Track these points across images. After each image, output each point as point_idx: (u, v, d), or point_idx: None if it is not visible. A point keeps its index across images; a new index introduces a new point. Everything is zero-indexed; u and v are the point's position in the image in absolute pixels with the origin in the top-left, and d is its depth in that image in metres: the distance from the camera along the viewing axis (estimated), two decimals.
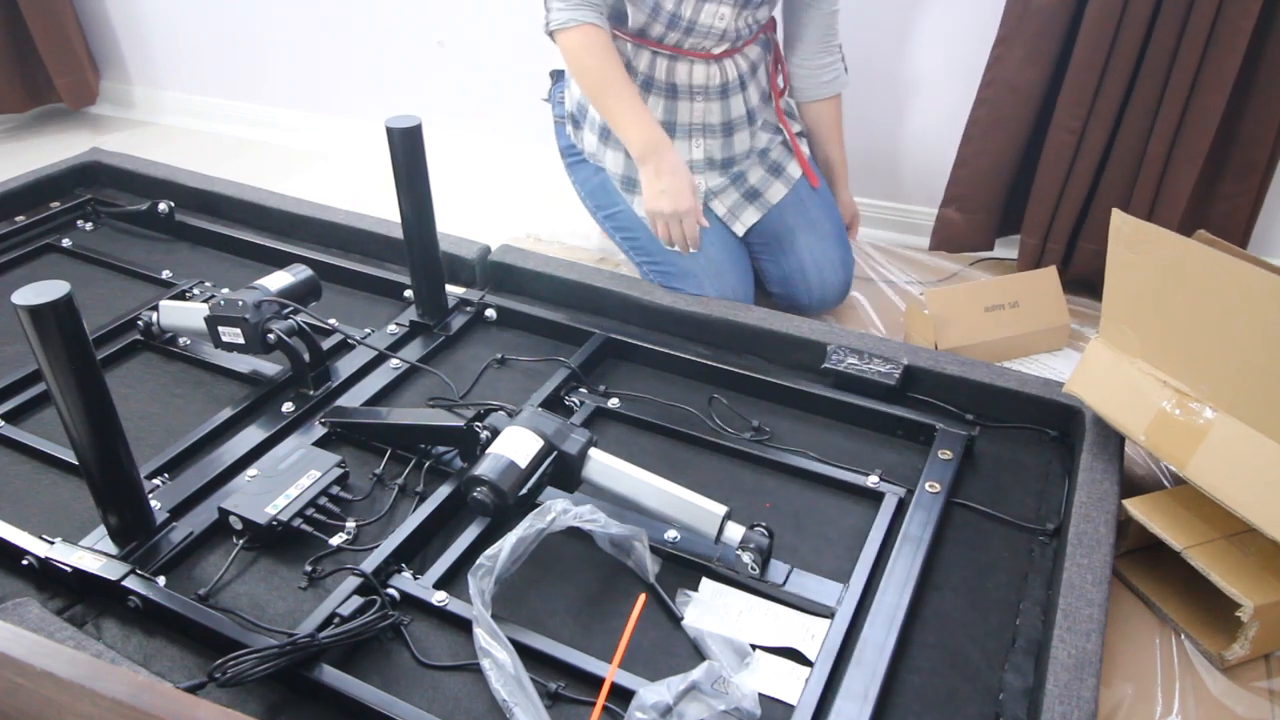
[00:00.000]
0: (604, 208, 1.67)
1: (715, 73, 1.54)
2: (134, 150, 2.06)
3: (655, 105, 1.56)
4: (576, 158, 1.70)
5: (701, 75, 1.53)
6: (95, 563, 1.05)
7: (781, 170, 1.65)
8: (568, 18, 1.43)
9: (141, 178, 1.92)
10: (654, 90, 1.55)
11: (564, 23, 1.44)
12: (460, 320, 1.54)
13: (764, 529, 1.06)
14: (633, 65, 1.54)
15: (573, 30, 1.44)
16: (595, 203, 1.69)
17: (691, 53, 1.52)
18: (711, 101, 1.55)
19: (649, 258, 1.61)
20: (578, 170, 1.70)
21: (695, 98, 1.55)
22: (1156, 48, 1.53)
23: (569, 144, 1.71)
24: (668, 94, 1.55)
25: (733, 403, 1.38)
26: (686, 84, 1.54)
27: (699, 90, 1.54)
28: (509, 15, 2.16)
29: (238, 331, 1.34)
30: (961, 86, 1.79)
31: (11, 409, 1.33)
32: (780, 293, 1.67)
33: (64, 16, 2.49)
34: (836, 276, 1.64)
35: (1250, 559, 1.07)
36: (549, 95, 1.74)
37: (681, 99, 1.55)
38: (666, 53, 1.51)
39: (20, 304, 0.92)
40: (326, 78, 2.45)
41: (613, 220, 1.66)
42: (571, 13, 1.43)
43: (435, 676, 0.98)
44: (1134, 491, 1.18)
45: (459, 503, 1.16)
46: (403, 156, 1.37)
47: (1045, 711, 0.89)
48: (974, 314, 1.57)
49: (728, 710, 0.91)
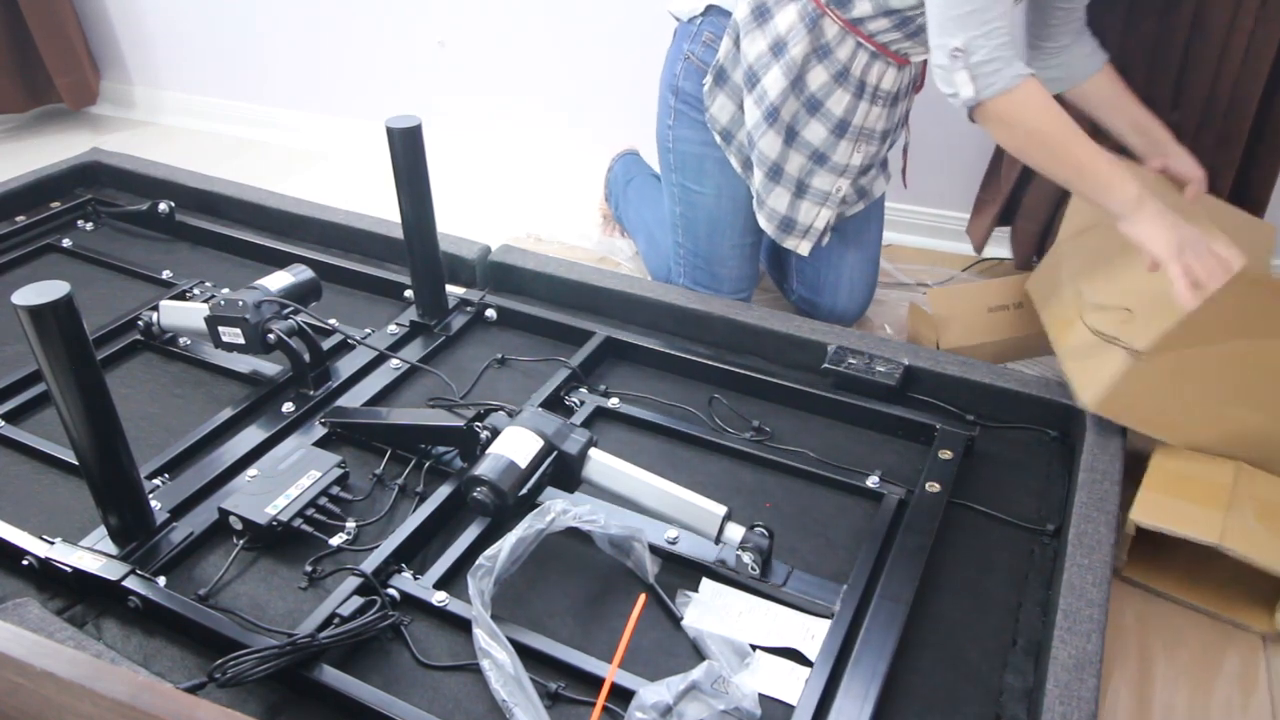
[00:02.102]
0: (686, 177, 1.55)
1: (896, 78, 1.42)
2: (134, 150, 2.06)
3: (841, 99, 1.40)
4: (691, 110, 1.51)
5: (891, 80, 1.41)
6: (95, 563, 1.05)
7: (866, 191, 1.58)
8: (1012, 76, 1.16)
9: (142, 178, 1.92)
10: (844, 84, 1.39)
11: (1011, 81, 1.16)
12: (460, 320, 1.54)
13: (764, 529, 1.06)
14: (832, 50, 1.36)
15: (1023, 87, 1.17)
16: (679, 166, 1.55)
17: (894, 56, 1.38)
18: (884, 108, 1.44)
19: (691, 244, 1.58)
20: (683, 124, 1.53)
21: (877, 101, 1.43)
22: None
23: (693, 92, 1.50)
24: (856, 91, 1.40)
25: (733, 403, 1.38)
26: (875, 85, 1.41)
27: (881, 95, 1.42)
28: (509, 15, 2.16)
29: (238, 331, 1.34)
30: None
31: (12, 409, 1.33)
32: (805, 295, 1.66)
33: (64, 16, 2.49)
34: (863, 295, 1.65)
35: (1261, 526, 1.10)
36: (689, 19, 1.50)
37: (864, 99, 1.41)
38: (871, 48, 1.36)
39: (20, 304, 0.92)
40: (327, 78, 2.45)
41: (683, 192, 1.56)
42: (1009, 68, 1.16)
43: (435, 677, 0.98)
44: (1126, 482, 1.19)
45: (459, 503, 1.16)
46: (403, 156, 1.37)
47: (1045, 712, 0.89)
48: (977, 314, 1.57)
49: (728, 710, 0.91)
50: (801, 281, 1.66)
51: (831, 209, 1.51)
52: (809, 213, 1.50)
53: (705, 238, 1.59)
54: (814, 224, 1.51)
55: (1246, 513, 1.12)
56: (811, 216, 1.50)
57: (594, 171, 1.71)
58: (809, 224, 1.51)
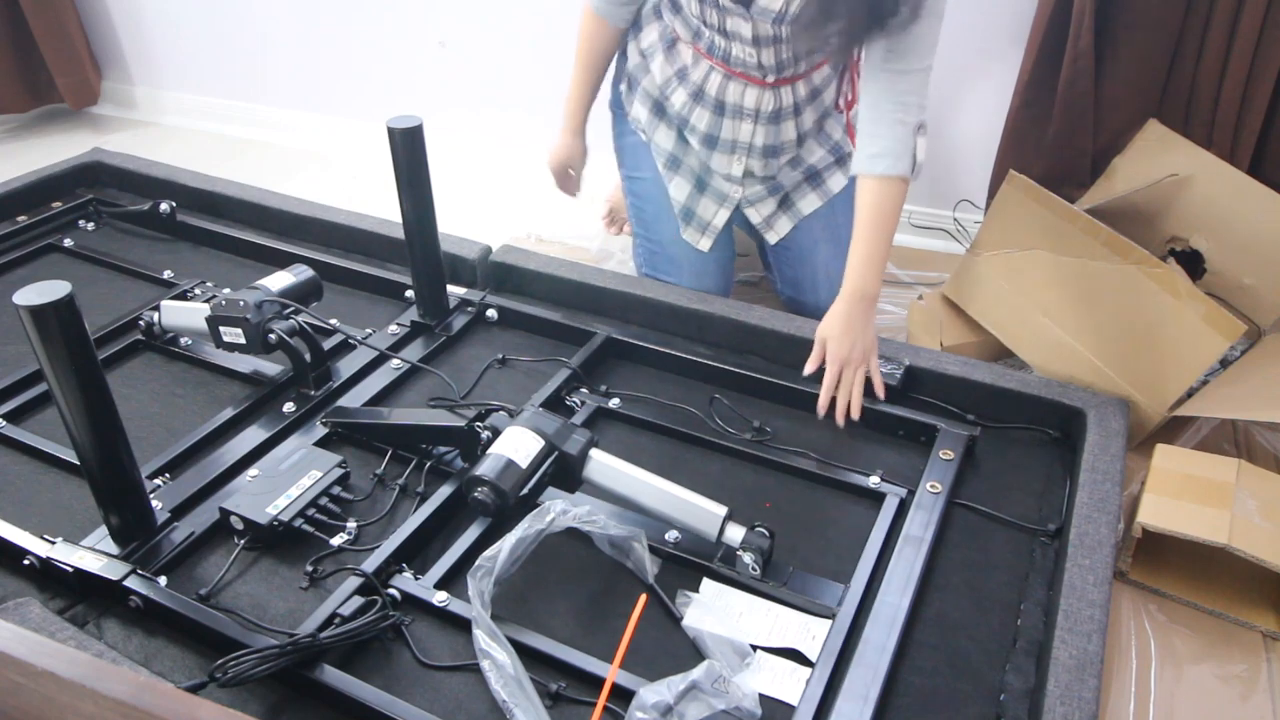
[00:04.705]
0: (628, 168, 1.66)
1: (769, 99, 1.45)
2: (136, 150, 2.06)
3: (701, 118, 1.49)
4: (622, 111, 1.65)
5: (753, 99, 1.45)
6: (96, 563, 1.05)
7: (821, 182, 1.58)
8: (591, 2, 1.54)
9: (143, 178, 1.92)
10: (701, 103, 1.48)
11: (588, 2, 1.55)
12: (461, 320, 1.54)
13: (765, 529, 1.06)
14: (689, 74, 1.48)
15: (588, 12, 1.56)
16: (622, 159, 1.68)
17: (744, 75, 1.43)
18: (761, 125, 1.47)
19: (646, 232, 1.64)
20: (619, 122, 1.66)
21: (744, 118, 1.47)
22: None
23: (618, 99, 1.65)
24: (715, 110, 1.48)
25: (734, 403, 1.38)
26: (737, 104, 1.46)
27: (749, 112, 1.46)
28: (510, 15, 2.16)
29: (239, 331, 1.34)
30: (972, 85, 1.79)
31: (13, 409, 1.33)
32: (790, 295, 1.67)
33: (66, 17, 2.50)
34: None
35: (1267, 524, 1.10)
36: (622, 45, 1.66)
37: (729, 117, 1.48)
38: (720, 70, 1.44)
39: (22, 304, 0.92)
40: (328, 78, 2.46)
41: (630, 184, 1.66)
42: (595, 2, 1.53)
43: (436, 677, 0.98)
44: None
45: (460, 503, 1.16)
46: (404, 157, 1.37)
47: (1046, 713, 0.89)
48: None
49: (728, 710, 0.91)
50: (783, 280, 1.67)
51: (729, 210, 1.57)
52: (708, 209, 1.58)
53: (653, 223, 1.63)
54: (713, 221, 1.58)
55: (1251, 512, 1.12)
56: (710, 214, 1.58)
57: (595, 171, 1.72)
58: (708, 220, 1.58)
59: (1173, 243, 1.60)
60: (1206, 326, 1.26)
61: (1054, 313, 1.42)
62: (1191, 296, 1.28)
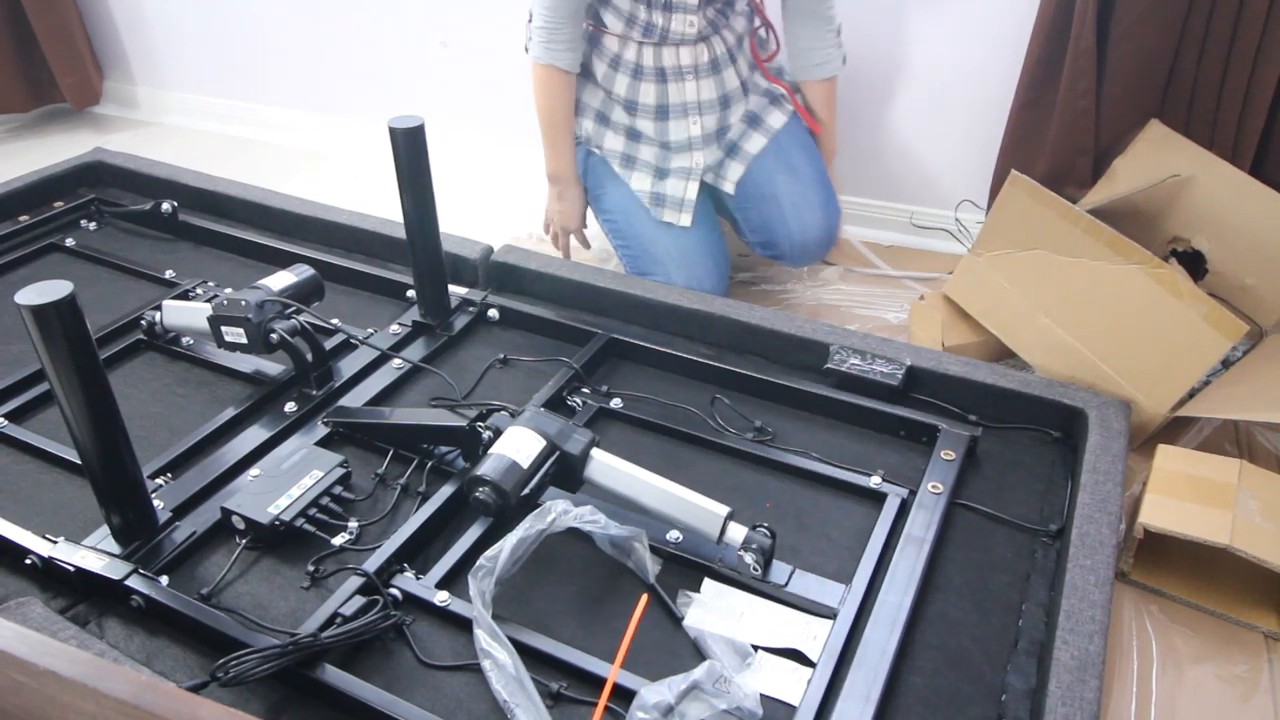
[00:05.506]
0: (593, 189, 1.71)
1: (702, 50, 1.58)
2: (137, 150, 2.06)
3: (648, 92, 1.60)
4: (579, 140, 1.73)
5: (689, 56, 1.58)
6: (98, 562, 1.05)
7: (760, 121, 1.67)
8: (540, 54, 1.59)
9: (145, 177, 1.93)
10: (644, 77, 1.59)
11: (538, 58, 1.60)
12: (463, 320, 1.54)
13: (766, 530, 1.06)
14: (622, 58, 1.59)
15: (543, 67, 1.60)
16: (587, 183, 1.72)
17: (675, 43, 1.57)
18: (703, 79, 1.60)
19: (623, 241, 1.67)
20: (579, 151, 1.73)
21: (685, 77, 1.59)
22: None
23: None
24: (658, 78, 1.59)
25: (735, 403, 1.38)
26: (675, 65, 1.58)
27: (688, 70, 1.59)
28: (511, 15, 2.16)
29: (240, 331, 1.34)
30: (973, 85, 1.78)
31: (15, 408, 1.33)
32: (760, 240, 1.68)
33: (68, 17, 2.50)
34: (817, 219, 1.65)
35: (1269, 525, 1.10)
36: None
37: (672, 80, 1.59)
38: (651, 43, 1.57)
39: (23, 303, 0.92)
40: (329, 78, 2.46)
41: (598, 202, 1.71)
42: (546, 54, 1.58)
43: (438, 676, 0.98)
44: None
45: (461, 503, 1.16)
46: (405, 157, 1.37)
47: (1048, 713, 0.89)
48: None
49: (729, 710, 0.91)
50: (750, 228, 1.69)
51: (696, 180, 1.64)
52: (676, 187, 1.64)
53: (627, 229, 1.66)
54: (685, 196, 1.63)
55: (1253, 512, 1.12)
56: (680, 190, 1.64)
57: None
58: (681, 197, 1.64)
59: (1174, 243, 1.60)
60: (1208, 327, 1.26)
61: (1055, 313, 1.42)
62: (1193, 297, 1.27)
